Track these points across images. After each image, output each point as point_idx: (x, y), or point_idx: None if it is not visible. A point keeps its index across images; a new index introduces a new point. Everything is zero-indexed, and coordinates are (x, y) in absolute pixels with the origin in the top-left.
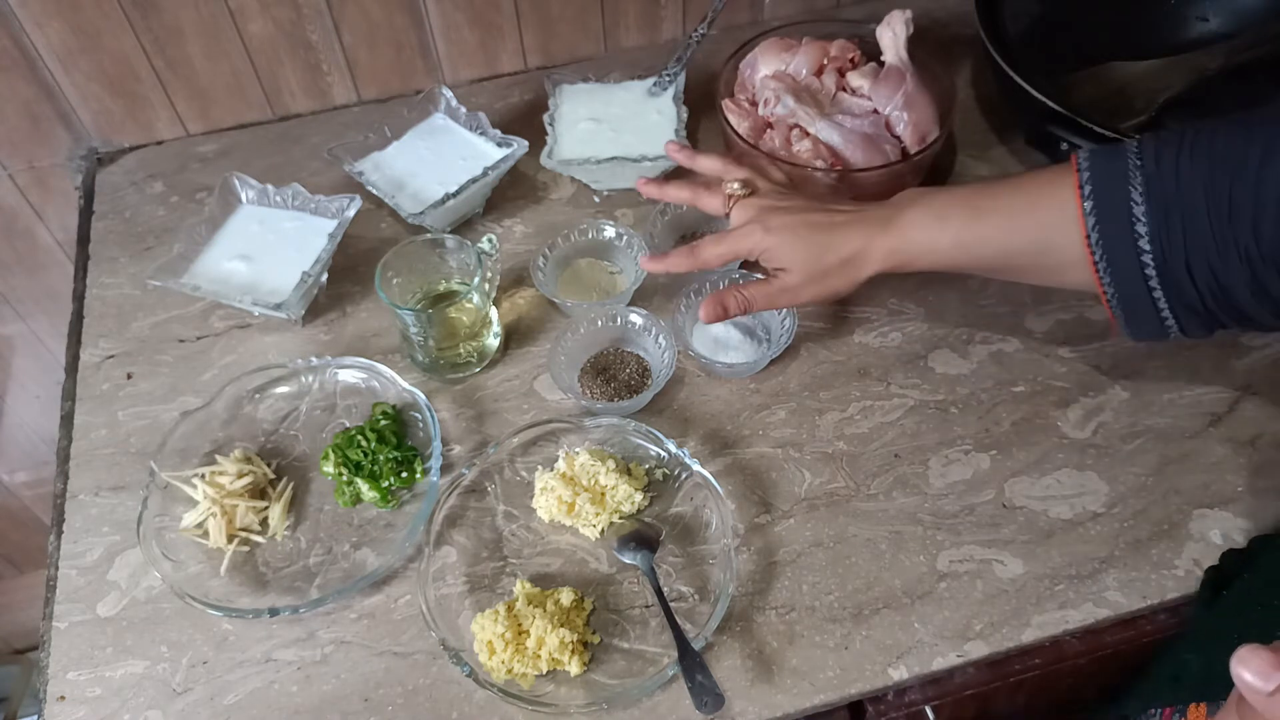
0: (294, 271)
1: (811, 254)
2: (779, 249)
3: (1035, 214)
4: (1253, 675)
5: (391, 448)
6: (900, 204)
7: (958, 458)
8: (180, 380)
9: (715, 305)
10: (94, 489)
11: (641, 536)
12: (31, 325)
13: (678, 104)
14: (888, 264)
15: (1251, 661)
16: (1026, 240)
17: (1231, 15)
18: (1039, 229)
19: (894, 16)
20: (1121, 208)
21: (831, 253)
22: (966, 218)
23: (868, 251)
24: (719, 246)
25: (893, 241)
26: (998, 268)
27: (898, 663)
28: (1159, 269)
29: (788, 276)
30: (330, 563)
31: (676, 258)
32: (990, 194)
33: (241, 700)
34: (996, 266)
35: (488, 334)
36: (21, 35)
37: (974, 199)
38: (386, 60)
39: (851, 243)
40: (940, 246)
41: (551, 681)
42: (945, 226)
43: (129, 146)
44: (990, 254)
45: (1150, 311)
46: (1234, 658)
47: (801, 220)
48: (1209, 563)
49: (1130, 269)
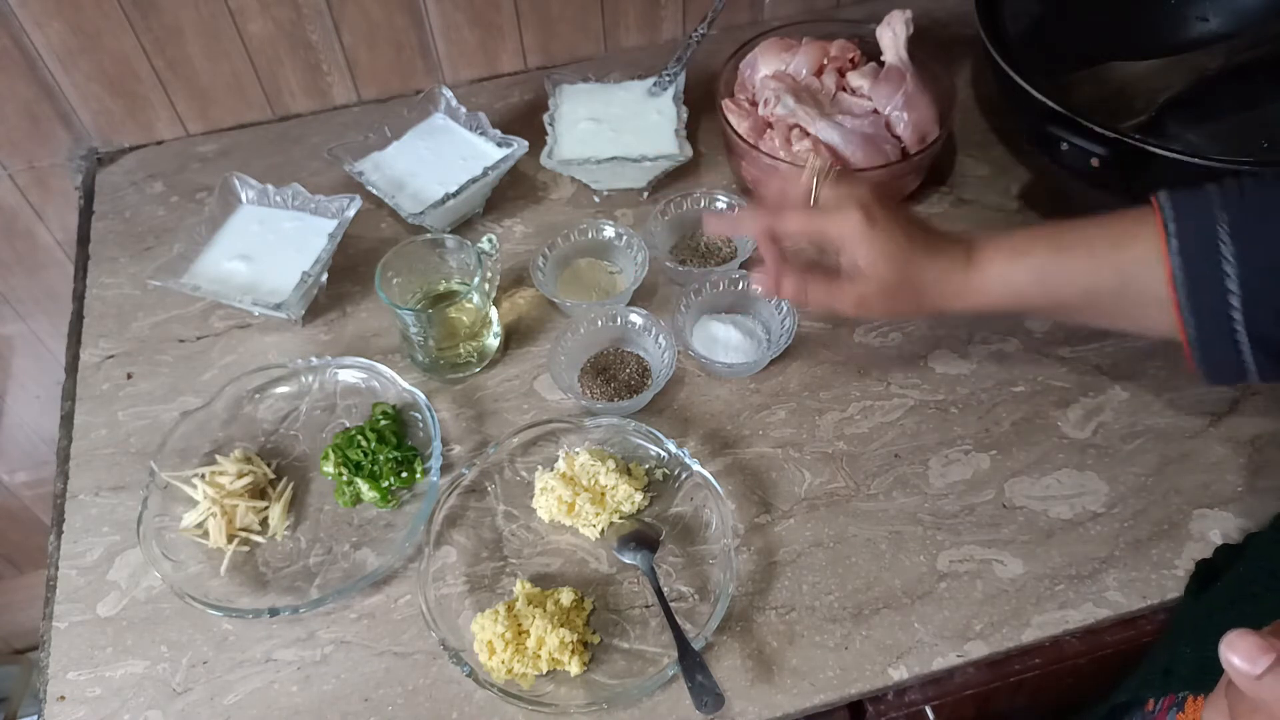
0: (294, 271)
1: (896, 268)
2: (873, 247)
3: (1119, 251)
4: (1240, 659)
5: (391, 448)
6: (977, 240)
7: (958, 458)
8: (180, 380)
9: (772, 281)
10: (94, 489)
11: (641, 536)
12: (31, 325)
13: (678, 104)
14: (961, 300)
15: (1239, 645)
16: (1110, 279)
17: (1231, 15)
18: (1123, 266)
19: (894, 16)
20: (1208, 248)
21: (913, 273)
22: (1047, 253)
23: (942, 284)
24: (808, 220)
25: (970, 276)
26: (1077, 306)
27: (898, 663)
28: (1245, 311)
29: (865, 283)
30: (330, 563)
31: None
32: (1071, 231)
33: (241, 700)
34: (1075, 305)
35: (488, 334)
36: (21, 35)
37: (1055, 235)
38: (386, 60)
39: (931, 270)
40: (1019, 283)
41: (551, 681)
42: (1025, 262)
43: (129, 146)
44: (1070, 292)
45: (1231, 353)
46: (1223, 642)
47: (904, 230)
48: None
49: (1215, 310)
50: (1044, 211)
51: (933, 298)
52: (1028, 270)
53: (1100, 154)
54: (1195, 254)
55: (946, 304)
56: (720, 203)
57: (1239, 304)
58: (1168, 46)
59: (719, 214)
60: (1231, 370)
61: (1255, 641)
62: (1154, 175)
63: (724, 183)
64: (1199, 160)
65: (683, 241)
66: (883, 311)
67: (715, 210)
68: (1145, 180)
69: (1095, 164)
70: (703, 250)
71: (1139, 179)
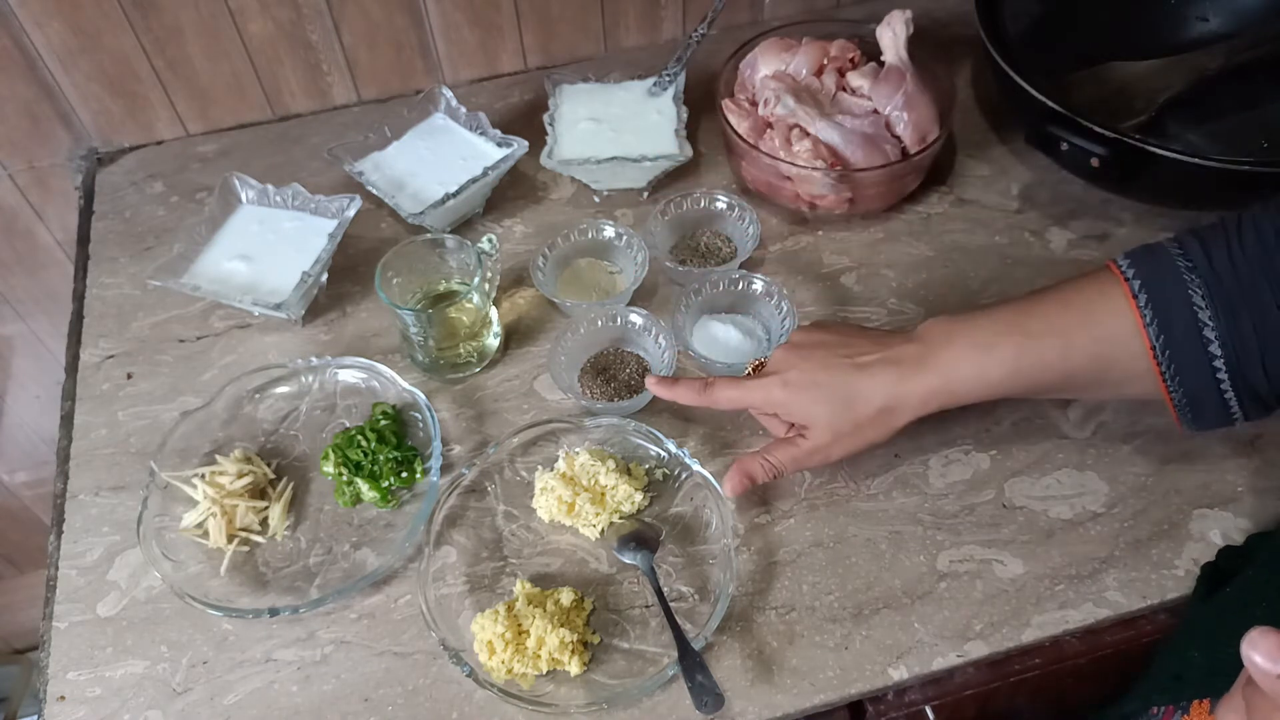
0: (294, 271)
1: (837, 410)
2: (800, 406)
3: (1091, 329)
4: (1262, 657)
5: (391, 448)
6: (932, 338)
7: (958, 458)
8: (180, 380)
9: (740, 477)
10: (94, 489)
11: (641, 536)
12: (31, 325)
13: (678, 104)
14: (929, 406)
15: (1261, 644)
16: (1085, 359)
17: (1231, 15)
18: (1098, 345)
19: (894, 16)
20: (1184, 315)
21: (861, 405)
22: (1017, 344)
23: (903, 397)
24: (733, 391)
25: (932, 381)
26: (1053, 389)
27: (898, 663)
28: (1231, 371)
29: (816, 435)
30: (330, 563)
31: (686, 390)
32: (1035, 313)
33: (241, 700)
34: (1052, 388)
35: (488, 334)
36: (21, 35)
37: (1020, 320)
38: (386, 60)
39: (882, 390)
40: (992, 378)
41: (551, 681)
42: (995, 356)
43: (129, 146)
44: (1048, 378)
45: (1219, 409)
46: (1245, 640)
47: (821, 371)
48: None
49: (1201, 375)
50: (1044, 211)
51: (896, 415)
52: (999, 365)
53: (1100, 154)
54: (1172, 323)
55: (916, 414)
56: (720, 203)
57: (1223, 364)
58: (1168, 46)
59: (660, 380)
60: (1218, 421)
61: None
62: (1154, 175)
63: (724, 183)
64: (1199, 160)
65: (683, 241)
66: (855, 448)
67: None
68: (1145, 180)
69: (1095, 164)
70: (703, 250)
71: (1139, 179)
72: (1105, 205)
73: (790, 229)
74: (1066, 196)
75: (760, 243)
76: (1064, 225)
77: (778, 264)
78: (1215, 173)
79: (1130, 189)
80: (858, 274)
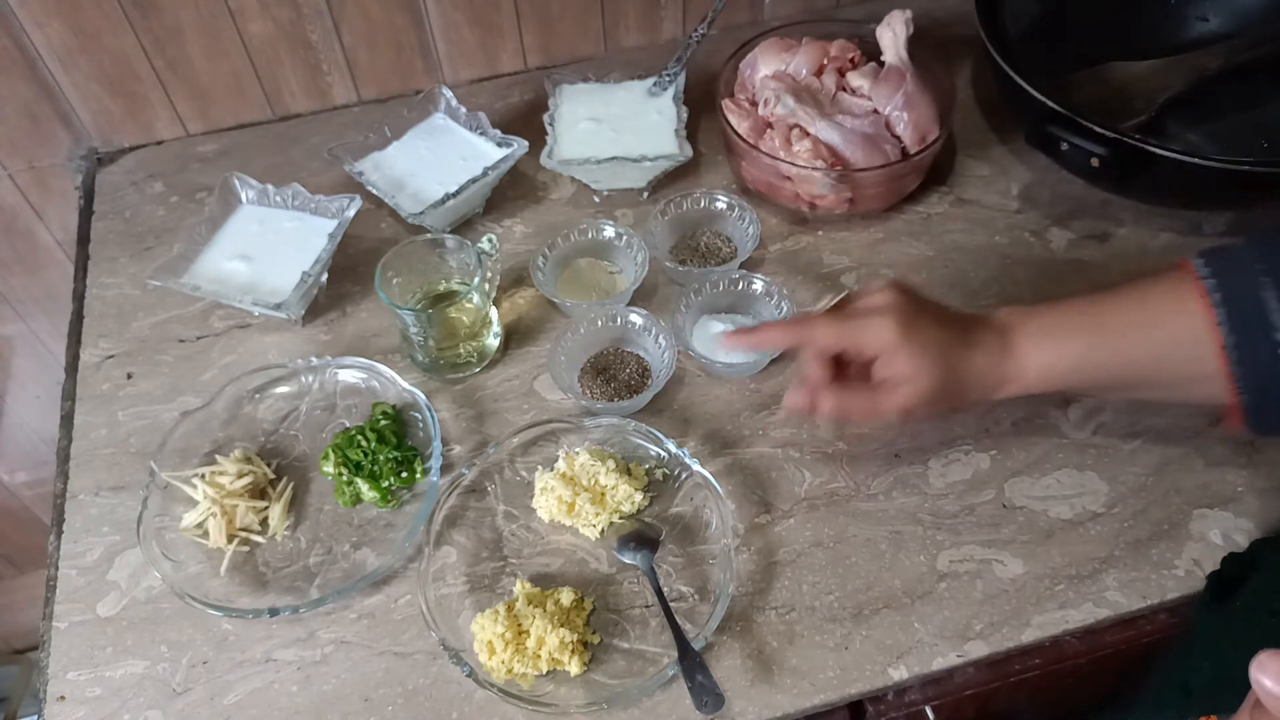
0: (294, 271)
1: (940, 369)
2: (913, 356)
3: (1163, 329)
4: (1272, 680)
5: (391, 448)
6: (1011, 327)
7: (958, 458)
8: (180, 380)
9: (805, 399)
10: (94, 489)
11: (641, 536)
12: (31, 325)
13: (678, 104)
14: (1002, 392)
15: (1270, 666)
16: (1155, 357)
17: (1231, 15)
18: (1169, 344)
19: (894, 16)
20: (1256, 316)
21: (956, 372)
22: (1089, 339)
23: (987, 375)
24: (836, 329)
25: (1009, 368)
26: (1120, 385)
27: (898, 663)
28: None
29: (908, 392)
30: (330, 563)
31: (776, 332)
32: (1108, 308)
33: (241, 700)
34: (1119, 385)
35: (488, 334)
36: (21, 35)
37: (1094, 315)
38: (386, 60)
39: (976, 361)
40: (1061, 369)
41: (551, 681)
42: (1067, 349)
43: (129, 146)
44: (1116, 375)
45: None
46: (1254, 663)
47: (937, 333)
48: (1209, 563)
49: (1271, 376)
50: (1044, 211)
51: (975, 393)
52: (1069, 357)
53: (1100, 154)
54: (1244, 323)
55: (988, 396)
56: (720, 203)
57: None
58: (1168, 46)
59: (736, 333)
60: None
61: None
62: (1154, 175)
63: (724, 183)
64: (1199, 160)
65: (683, 241)
66: (927, 414)
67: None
68: (1145, 180)
69: (1095, 164)
70: (703, 250)
71: (1139, 179)
72: (1105, 205)
73: (790, 229)
74: (1066, 196)
75: (760, 243)
76: (1064, 225)
77: (778, 264)
78: (1215, 173)
79: (1130, 189)
80: (858, 274)
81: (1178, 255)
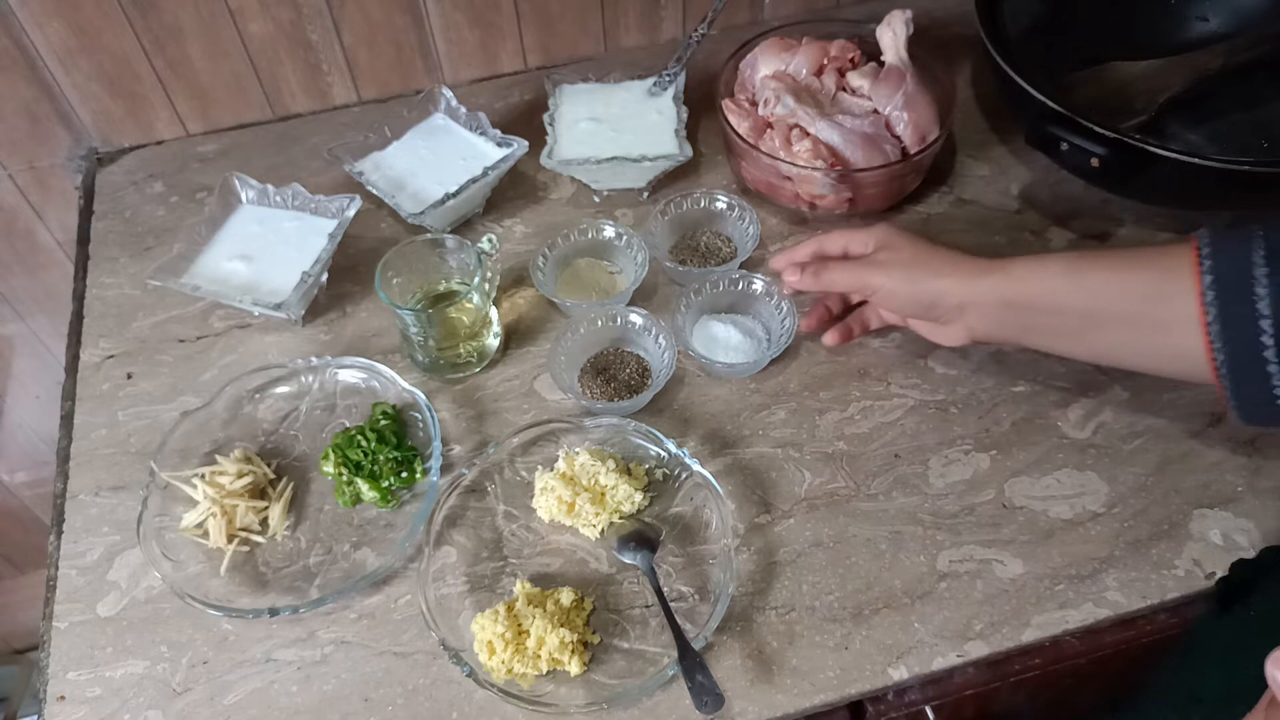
0: (294, 271)
1: (913, 294)
2: (883, 286)
3: (1149, 265)
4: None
5: (391, 448)
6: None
7: (958, 458)
8: (180, 380)
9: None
10: (94, 489)
11: (641, 536)
12: (31, 325)
13: (678, 104)
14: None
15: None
16: (1137, 286)
17: (1231, 15)
18: (1151, 278)
19: (894, 16)
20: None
21: (931, 294)
22: (1078, 259)
23: (969, 262)
24: (844, 274)
25: (998, 280)
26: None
27: (898, 663)
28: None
29: (884, 258)
30: (330, 563)
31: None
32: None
33: (241, 700)
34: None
35: (488, 334)
36: (21, 35)
37: (1085, 252)
38: (386, 60)
39: (955, 285)
40: (1048, 272)
41: (551, 681)
42: (1056, 262)
43: (129, 146)
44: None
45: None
46: (1270, 658)
47: (910, 258)
48: (1209, 563)
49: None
50: (1044, 211)
51: (958, 274)
52: (1059, 265)
53: (1100, 154)
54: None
55: (972, 280)
56: (720, 203)
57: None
58: (1168, 46)
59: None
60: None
61: None
62: (1154, 175)
63: (724, 183)
64: (1199, 160)
65: (683, 241)
66: (907, 294)
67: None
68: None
69: (1095, 164)
70: (703, 250)
71: (1139, 179)
72: (1105, 205)
73: (790, 229)
74: (1066, 196)
75: (760, 243)
76: (1064, 225)
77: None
78: (1215, 173)
79: (1130, 189)
80: None
81: None
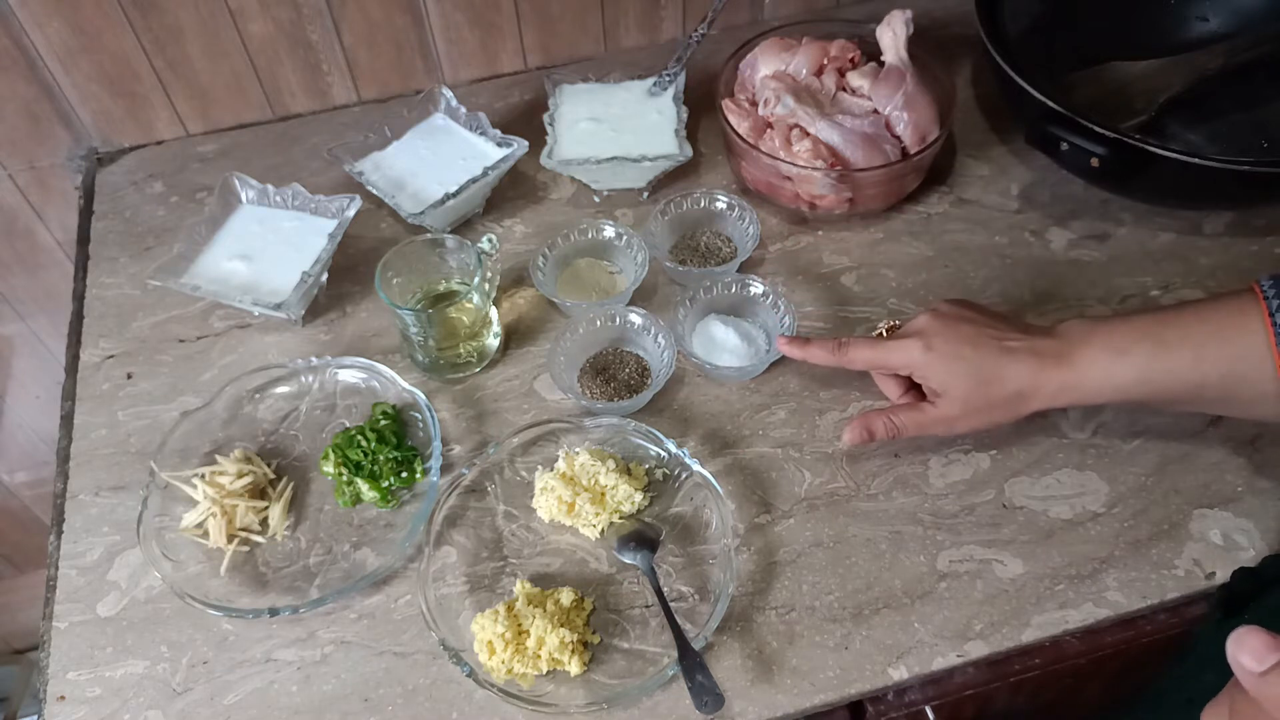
0: (294, 271)
1: (975, 385)
2: (938, 373)
3: (1224, 345)
4: (1248, 656)
5: (391, 448)
6: (1071, 336)
7: (958, 458)
8: (180, 380)
9: (861, 430)
10: (94, 489)
11: (641, 536)
12: (31, 325)
13: (678, 104)
14: (1058, 400)
15: (1248, 641)
16: (1217, 374)
17: (1231, 15)
18: (1229, 361)
19: (894, 16)
20: None
21: (998, 386)
22: (1150, 350)
23: (1038, 386)
24: (870, 352)
25: (1067, 376)
26: (1181, 401)
27: (898, 663)
28: None
29: (946, 406)
30: (330, 563)
31: (820, 350)
32: (1172, 324)
33: (241, 700)
34: (1180, 400)
35: (488, 334)
36: (21, 35)
37: (1156, 329)
38: (386, 60)
39: (1021, 376)
40: (1122, 382)
41: (551, 681)
42: (1127, 360)
43: (129, 146)
44: (1176, 388)
45: None
46: (1231, 638)
47: (967, 344)
48: (1209, 563)
49: None
50: (1044, 211)
51: (1028, 402)
52: (1131, 369)
53: (1100, 154)
54: None
55: (1044, 405)
56: (720, 203)
57: None
58: (1168, 46)
59: (791, 340)
60: None
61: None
62: (1154, 175)
63: (724, 183)
64: (1199, 160)
65: (683, 241)
66: (980, 426)
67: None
68: (1145, 180)
69: (1095, 164)
70: (703, 250)
71: (1139, 179)
72: (1105, 205)
73: (790, 229)
74: (1066, 196)
75: (760, 243)
76: (1064, 225)
77: (778, 264)
78: (1215, 173)
79: (1130, 189)
80: (858, 274)
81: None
